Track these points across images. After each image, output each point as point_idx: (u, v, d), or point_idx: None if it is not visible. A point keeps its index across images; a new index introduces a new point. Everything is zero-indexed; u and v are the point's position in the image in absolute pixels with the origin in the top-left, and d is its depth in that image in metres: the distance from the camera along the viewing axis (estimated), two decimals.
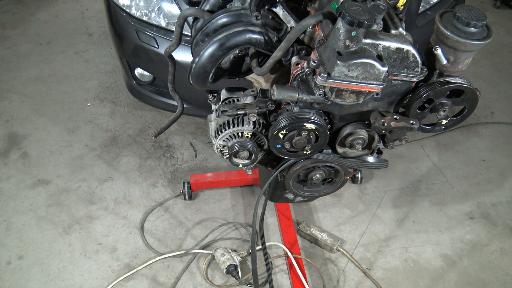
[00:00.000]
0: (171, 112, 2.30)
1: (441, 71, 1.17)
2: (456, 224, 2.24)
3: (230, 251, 1.94)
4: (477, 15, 1.07)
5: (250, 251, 1.97)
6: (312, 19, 1.10)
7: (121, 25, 2.14)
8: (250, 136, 1.32)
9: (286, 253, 2.00)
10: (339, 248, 2.06)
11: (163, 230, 2.13)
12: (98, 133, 2.63)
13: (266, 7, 1.25)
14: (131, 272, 1.93)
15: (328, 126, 1.25)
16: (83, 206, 2.21)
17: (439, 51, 1.10)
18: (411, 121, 1.18)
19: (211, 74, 1.25)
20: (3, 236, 2.06)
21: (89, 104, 2.84)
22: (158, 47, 2.04)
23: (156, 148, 2.56)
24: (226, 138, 1.33)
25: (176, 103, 1.58)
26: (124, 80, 2.47)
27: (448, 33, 1.06)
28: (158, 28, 2.06)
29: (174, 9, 2.07)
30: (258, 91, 1.29)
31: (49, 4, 3.87)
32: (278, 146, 1.26)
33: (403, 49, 1.06)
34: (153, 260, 1.98)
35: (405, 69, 1.11)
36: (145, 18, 2.08)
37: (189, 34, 1.67)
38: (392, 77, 1.12)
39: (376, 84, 1.03)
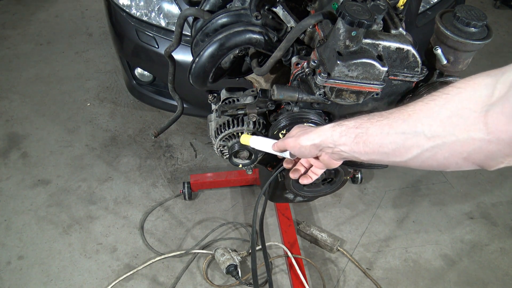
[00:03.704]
0: (171, 112, 2.30)
1: (441, 71, 1.17)
2: (456, 224, 2.24)
3: (230, 251, 1.94)
4: (477, 15, 1.06)
5: (250, 251, 1.97)
6: (312, 19, 1.10)
7: (121, 25, 2.14)
8: None
9: (286, 253, 2.00)
10: (339, 248, 2.06)
11: (163, 230, 2.13)
12: (98, 133, 2.63)
13: (266, 7, 1.25)
14: (131, 272, 1.93)
15: None
16: (83, 206, 2.21)
17: (439, 51, 1.10)
18: None
19: (211, 74, 1.25)
20: (3, 236, 2.06)
21: (89, 104, 2.84)
22: (158, 47, 2.04)
23: (156, 148, 2.56)
24: (226, 138, 1.33)
25: (176, 103, 1.58)
26: (124, 80, 2.47)
27: (448, 33, 1.06)
28: (158, 28, 2.06)
29: (174, 9, 2.07)
30: (258, 91, 1.29)
31: (49, 4, 3.87)
32: None
33: (403, 49, 1.06)
34: (153, 260, 1.98)
35: (405, 69, 1.10)
36: (145, 18, 2.08)
37: (189, 34, 1.67)
38: (392, 77, 1.12)
39: (376, 84, 1.03)
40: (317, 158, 0.92)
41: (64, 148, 2.52)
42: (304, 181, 1.01)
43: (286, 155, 1.00)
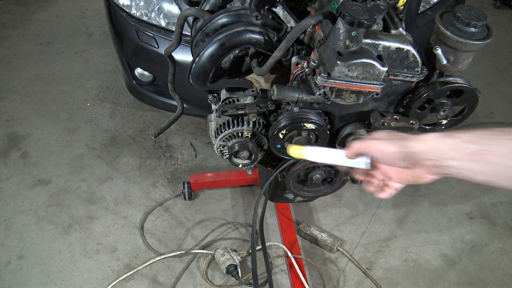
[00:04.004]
0: (171, 112, 2.30)
1: (441, 71, 1.17)
2: (456, 224, 2.24)
3: (230, 251, 1.94)
4: (477, 15, 1.07)
5: (250, 251, 1.97)
6: (312, 19, 1.10)
7: (121, 25, 2.14)
8: (250, 136, 1.32)
9: (286, 253, 2.00)
10: (339, 248, 2.06)
11: (163, 230, 2.13)
12: (98, 133, 2.63)
13: (266, 7, 1.25)
14: (131, 272, 1.93)
15: (328, 126, 1.25)
16: (83, 206, 2.21)
17: (439, 51, 1.10)
18: (411, 121, 1.18)
19: (211, 74, 1.25)
20: (3, 236, 2.06)
21: (89, 104, 2.84)
22: (158, 47, 2.04)
23: (156, 148, 2.56)
24: (226, 138, 1.33)
25: (176, 103, 1.58)
26: (124, 80, 2.47)
27: (448, 33, 1.06)
28: (158, 28, 2.06)
29: (174, 9, 2.07)
30: (258, 91, 1.29)
31: (49, 4, 3.87)
32: (278, 146, 1.26)
33: (403, 49, 1.06)
34: (153, 260, 1.98)
35: (405, 69, 1.10)
36: (145, 18, 2.08)
37: (189, 34, 1.67)
38: (392, 77, 1.12)
39: (376, 84, 1.03)
40: (405, 169, 0.80)
41: (64, 148, 2.52)
42: (383, 195, 0.89)
43: (361, 164, 0.84)
